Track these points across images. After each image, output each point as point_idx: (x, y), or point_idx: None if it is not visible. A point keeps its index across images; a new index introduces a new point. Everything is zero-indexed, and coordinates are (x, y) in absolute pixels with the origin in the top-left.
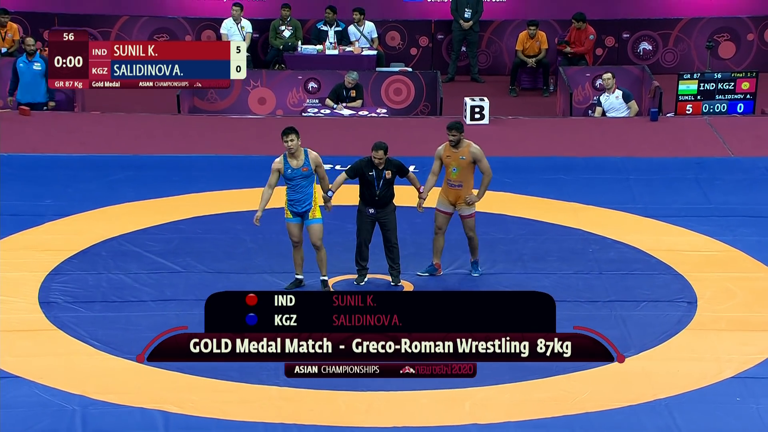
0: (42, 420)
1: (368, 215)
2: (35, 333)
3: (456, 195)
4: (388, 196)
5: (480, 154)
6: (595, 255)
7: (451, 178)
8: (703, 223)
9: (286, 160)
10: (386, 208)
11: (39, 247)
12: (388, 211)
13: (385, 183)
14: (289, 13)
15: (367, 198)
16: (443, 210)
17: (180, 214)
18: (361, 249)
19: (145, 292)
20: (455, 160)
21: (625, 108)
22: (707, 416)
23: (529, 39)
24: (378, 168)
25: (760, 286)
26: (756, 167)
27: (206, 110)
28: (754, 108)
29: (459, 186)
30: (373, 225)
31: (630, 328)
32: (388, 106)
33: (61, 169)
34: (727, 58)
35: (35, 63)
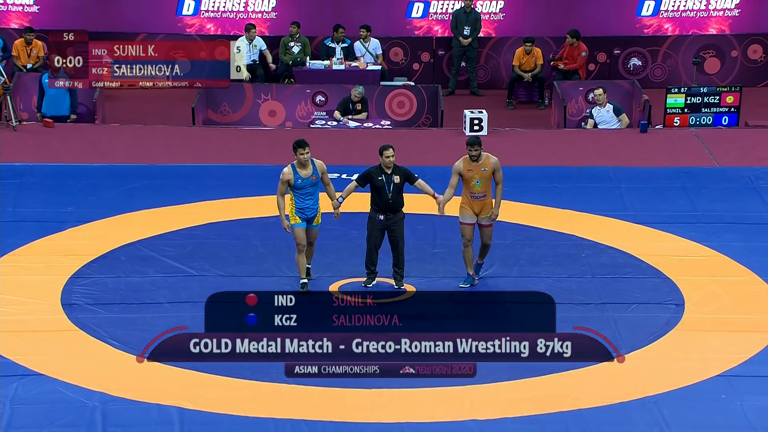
0: (65, 415)
1: (378, 222)
2: (58, 333)
3: (481, 205)
4: (399, 202)
5: (498, 163)
6: (588, 260)
7: (476, 191)
8: (691, 229)
9: (296, 170)
10: (396, 215)
11: (61, 251)
12: (397, 218)
13: (395, 188)
14: (298, 30)
15: (378, 204)
16: (468, 222)
17: (194, 221)
18: (372, 253)
19: (162, 295)
20: (478, 173)
21: (615, 121)
22: (694, 413)
23: (525, 55)
24: (387, 173)
25: (745, 290)
26: (740, 176)
27: (219, 122)
28: (738, 120)
29: (483, 196)
30: (383, 231)
31: (621, 329)
32: (392, 118)
33: (82, 178)
34: (713, 74)
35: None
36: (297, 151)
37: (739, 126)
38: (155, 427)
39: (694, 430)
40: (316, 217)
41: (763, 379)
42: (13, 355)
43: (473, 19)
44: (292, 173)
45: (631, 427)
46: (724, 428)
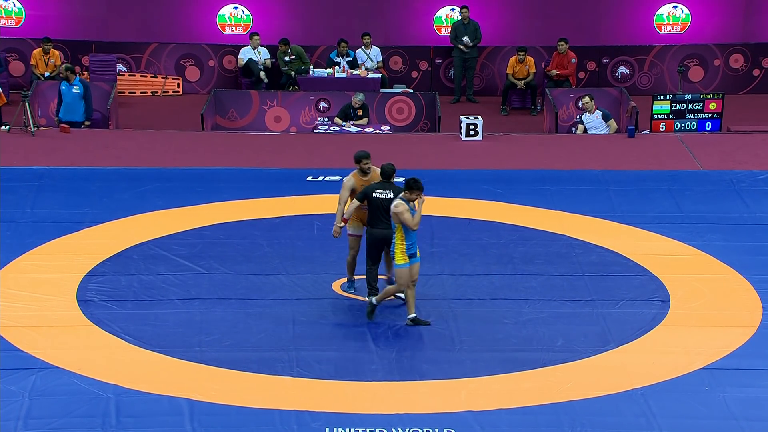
0: (80, 406)
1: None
2: (74, 328)
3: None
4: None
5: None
6: (578, 258)
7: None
8: (675, 229)
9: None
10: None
11: (77, 251)
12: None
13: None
14: (287, 47)
15: (374, 221)
16: (356, 234)
17: (203, 221)
18: (371, 272)
19: (173, 292)
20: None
21: (604, 126)
22: (679, 404)
23: (518, 63)
24: (384, 190)
25: (727, 287)
26: (723, 179)
27: (227, 127)
28: (720, 126)
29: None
30: (380, 249)
31: (609, 324)
32: (392, 123)
33: (97, 181)
34: (697, 81)
35: (74, 86)
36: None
37: (722, 131)
38: (166, 418)
39: (679, 420)
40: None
41: (744, 371)
42: (31, 349)
43: (472, 29)
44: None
45: (618, 418)
46: (706, 418)
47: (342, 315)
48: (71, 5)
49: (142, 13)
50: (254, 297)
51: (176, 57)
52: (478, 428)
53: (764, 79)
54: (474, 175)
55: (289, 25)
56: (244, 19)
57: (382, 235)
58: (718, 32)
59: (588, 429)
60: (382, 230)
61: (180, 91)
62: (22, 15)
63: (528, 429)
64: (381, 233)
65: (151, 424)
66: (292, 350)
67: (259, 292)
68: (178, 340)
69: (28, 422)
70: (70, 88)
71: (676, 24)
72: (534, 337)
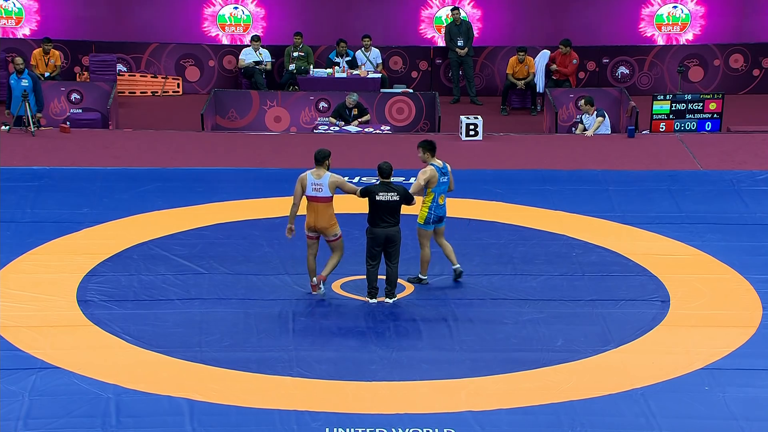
0: (80, 406)
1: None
2: (74, 328)
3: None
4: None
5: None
6: (578, 258)
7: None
8: (675, 229)
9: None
10: (395, 227)
11: (77, 251)
12: (396, 230)
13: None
14: (301, 40)
15: (376, 220)
16: (314, 235)
17: (203, 222)
18: (372, 275)
19: (173, 292)
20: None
21: (604, 127)
22: (679, 404)
23: (518, 63)
24: (389, 192)
25: (726, 287)
26: (722, 179)
27: (227, 128)
28: (720, 126)
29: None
30: (380, 253)
31: (609, 325)
32: (392, 123)
33: (97, 181)
34: (696, 81)
35: (23, 80)
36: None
37: (722, 131)
38: (166, 418)
39: (679, 420)
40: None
41: (744, 371)
42: (31, 349)
43: (465, 30)
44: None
45: (618, 418)
46: (706, 418)
47: (342, 315)
48: (71, 5)
49: (142, 13)
50: (254, 297)
51: (176, 57)
52: (478, 428)
53: (764, 79)
54: (474, 175)
55: (289, 25)
56: (244, 19)
57: (385, 233)
58: (717, 32)
59: (588, 429)
60: (384, 229)
61: (180, 91)
62: (22, 15)
63: (528, 429)
64: (383, 232)
65: (151, 424)
66: (292, 350)
67: (259, 292)
68: (178, 340)
69: (28, 422)
70: (19, 82)
71: (676, 24)
72: (534, 337)
